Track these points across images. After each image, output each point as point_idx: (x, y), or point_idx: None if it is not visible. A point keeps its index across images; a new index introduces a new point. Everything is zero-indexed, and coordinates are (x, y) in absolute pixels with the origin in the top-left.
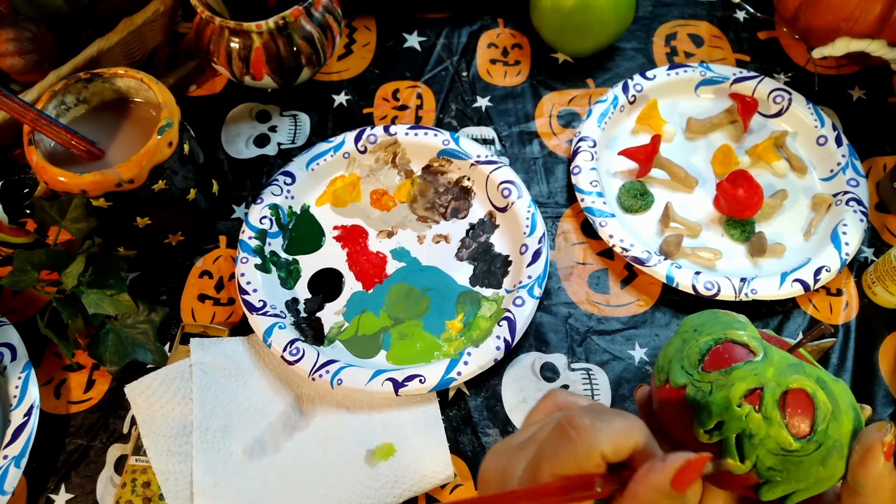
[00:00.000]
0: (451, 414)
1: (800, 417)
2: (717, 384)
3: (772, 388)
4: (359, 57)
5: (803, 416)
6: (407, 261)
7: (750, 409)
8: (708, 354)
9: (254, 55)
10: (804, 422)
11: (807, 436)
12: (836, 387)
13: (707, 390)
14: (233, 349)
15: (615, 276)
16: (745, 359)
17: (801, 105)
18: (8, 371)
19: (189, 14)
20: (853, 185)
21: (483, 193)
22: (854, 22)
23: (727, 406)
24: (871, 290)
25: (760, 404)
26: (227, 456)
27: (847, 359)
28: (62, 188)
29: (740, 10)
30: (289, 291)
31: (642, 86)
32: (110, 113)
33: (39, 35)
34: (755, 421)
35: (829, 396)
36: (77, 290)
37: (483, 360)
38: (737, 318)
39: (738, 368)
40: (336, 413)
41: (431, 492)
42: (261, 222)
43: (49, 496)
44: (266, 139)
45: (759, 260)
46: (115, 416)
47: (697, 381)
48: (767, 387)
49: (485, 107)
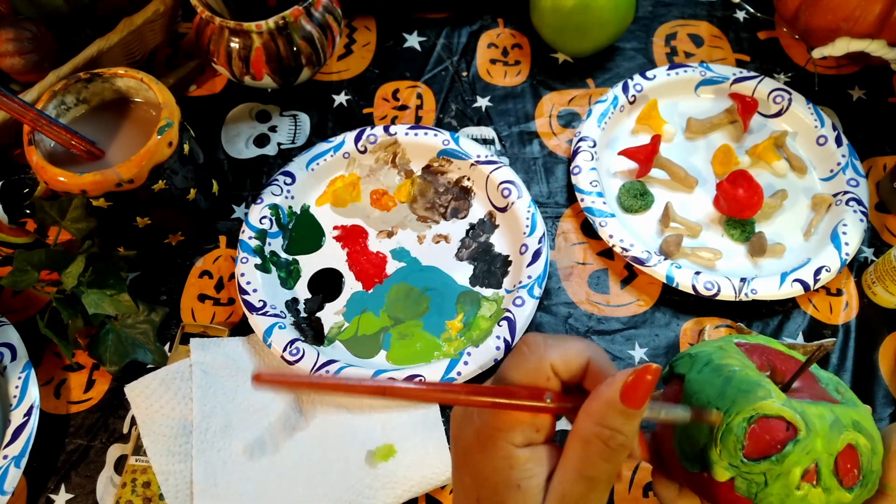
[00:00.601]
0: (450, 412)
1: (851, 471)
2: (770, 474)
3: (826, 461)
4: (359, 57)
5: (853, 468)
6: (407, 261)
7: (808, 487)
8: (746, 438)
9: (254, 55)
10: (853, 471)
11: (857, 482)
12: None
13: (761, 482)
14: (233, 349)
15: (615, 276)
16: (788, 437)
17: (801, 105)
18: (8, 371)
19: (189, 14)
20: (853, 185)
21: (483, 193)
22: (854, 22)
23: (788, 493)
24: (871, 290)
25: (818, 479)
26: (227, 456)
27: (847, 359)
28: (62, 188)
29: (740, 10)
30: (289, 291)
31: (642, 86)
32: (110, 113)
33: (39, 35)
34: (816, 496)
35: (865, 434)
36: (77, 290)
37: (483, 360)
38: (749, 375)
39: (791, 454)
40: (336, 413)
41: (432, 492)
42: (261, 222)
43: (49, 496)
44: (266, 139)
45: (759, 260)
46: (115, 416)
47: (747, 474)
48: (821, 461)
49: (485, 107)
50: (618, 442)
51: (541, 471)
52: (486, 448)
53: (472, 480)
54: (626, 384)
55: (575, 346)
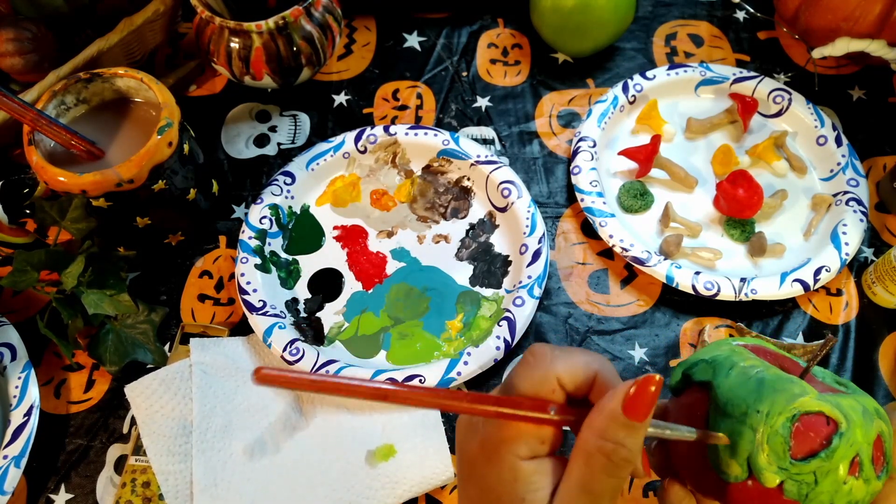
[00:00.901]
0: (451, 414)
1: (879, 458)
2: (820, 472)
3: (866, 451)
4: (359, 57)
5: (880, 455)
6: (407, 261)
7: (853, 480)
8: (792, 438)
9: (254, 55)
10: (881, 458)
11: (883, 469)
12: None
13: (811, 481)
14: (233, 349)
15: (615, 276)
16: (831, 431)
17: (801, 105)
18: (8, 371)
19: (189, 14)
20: (853, 185)
21: (483, 193)
22: (854, 22)
23: (837, 490)
24: (871, 290)
25: (860, 470)
26: (227, 456)
27: (847, 359)
28: (62, 188)
29: (740, 10)
30: (289, 291)
31: (642, 86)
32: (110, 113)
33: (39, 35)
34: (859, 489)
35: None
36: (77, 290)
37: (483, 360)
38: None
39: (838, 448)
40: (336, 413)
41: (432, 492)
42: (261, 222)
43: (49, 496)
44: (266, 139)
45: (759, 260)
46: (115, 416)
47: (797, 475)
48: (862, 451)
49: (485, 107)
50: (621, 456)
51: (546, 484)
52: (491, 460)
53: (478, 492)
54: (628, 396)
55: (582, 359)
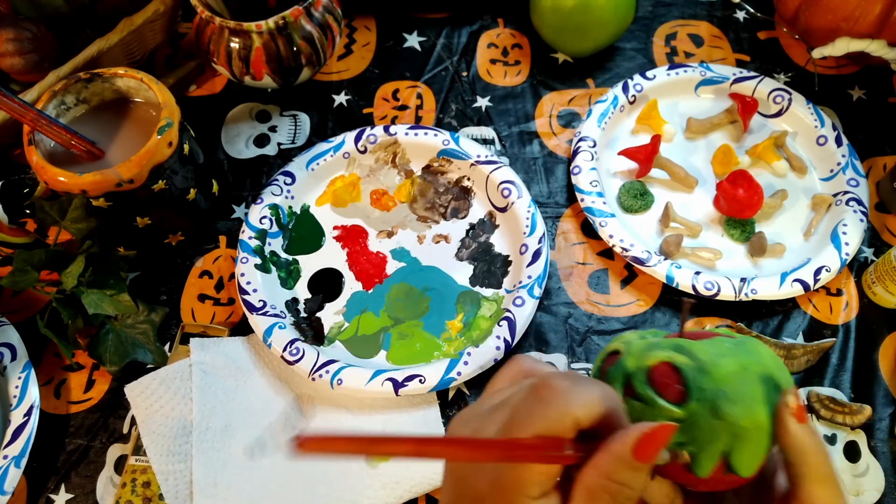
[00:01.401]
0: (451, 414)
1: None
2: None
3: (637, 375)
4: (359, 57)
5: (674, 384)
6: (407, 261)
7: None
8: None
9: (254, 55)
10: (677, 388)
11: (684, 398)
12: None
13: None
14: (233, 349)
15: (615, 276)
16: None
17: (801, 105)
18: (8, 371)
19: (189, 14)
20: (853, 185)
21: (483, 193)
22: (854, 22)
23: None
24: (871, 290)
25: (634, 392)
26: (227, 456)
27: (847, 359)
28: (62, 188)
29: (740, 10)
30: (289, 291)
31: (642, 86)
32: (110, 113)
33: (39, 35)
34: (637, 409)
35: (689, 356)
36: (77, 290)
37: (483, 360)
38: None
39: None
40: (336, 413)
41: (432, 492)
42: (261, 222)
43: (49, 496)
44: (266, 139)
45: (759, 260)
46: (115, 416)
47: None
48: (634, 376)
49: (485, 107)
50: (625, 496)
51: None
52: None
53: None
54: (640, 440)
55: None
